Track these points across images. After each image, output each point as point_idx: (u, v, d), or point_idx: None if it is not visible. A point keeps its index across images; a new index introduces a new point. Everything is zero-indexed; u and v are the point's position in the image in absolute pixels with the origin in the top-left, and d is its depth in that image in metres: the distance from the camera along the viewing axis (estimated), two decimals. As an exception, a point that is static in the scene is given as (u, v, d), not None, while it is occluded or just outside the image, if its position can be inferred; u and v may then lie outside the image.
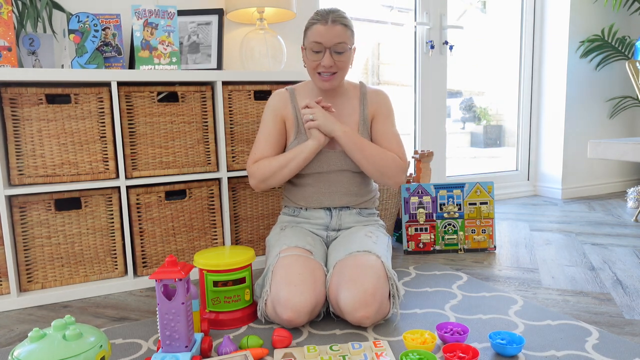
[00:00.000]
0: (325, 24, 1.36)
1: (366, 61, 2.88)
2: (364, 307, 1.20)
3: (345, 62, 1.40)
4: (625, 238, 2.11)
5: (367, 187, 1.54)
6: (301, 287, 1.22)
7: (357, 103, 1.51)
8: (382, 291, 1.24)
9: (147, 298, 1.57)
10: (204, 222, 1.75)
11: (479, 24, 3.10)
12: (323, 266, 1.34)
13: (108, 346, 0.96)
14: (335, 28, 1.36)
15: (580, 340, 1.17)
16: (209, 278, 1.30)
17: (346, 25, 1.38)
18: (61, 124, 1.53)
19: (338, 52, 1.37)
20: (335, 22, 1.36)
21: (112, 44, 1.72)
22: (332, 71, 1.39)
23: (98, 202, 1.60)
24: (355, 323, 1.24)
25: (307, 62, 1.43)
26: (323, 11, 1.39)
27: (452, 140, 3.14)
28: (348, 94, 1.52)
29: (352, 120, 1.49)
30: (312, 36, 1.38)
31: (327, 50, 1.36)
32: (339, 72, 1.41)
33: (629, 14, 3.15)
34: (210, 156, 1.74)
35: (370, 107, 1.50)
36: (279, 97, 1.51)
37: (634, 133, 3.35)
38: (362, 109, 1.49)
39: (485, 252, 1.96)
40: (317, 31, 1.36)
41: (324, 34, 1.35)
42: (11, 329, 1.35)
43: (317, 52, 1.38)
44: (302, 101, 1.50)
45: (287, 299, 1.20)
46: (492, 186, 1.96)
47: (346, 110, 1.50)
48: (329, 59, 1.37)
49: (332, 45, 1.36)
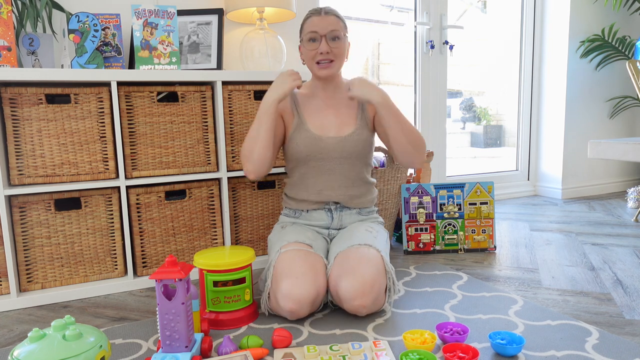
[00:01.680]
0: (319, 15, 1.44)
1: (366, 61, 2.88)
2: (361, 297, 1.26)
3: (341, 49, 1.45)
4: (625, 238, 2.11)
5: (367, 177, 1.56)
6: (302, 279, 1.27)
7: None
8: (380, 283, 1.30)
9: (147, 298, 1.56)
10: (204, 222, 1.75)
11: (479, 24, 3.10)
12: (323, 258, 1.39)
13: (108, 346, 0.96)
14: (329, 17, 1.43)
15: (580, 340, 1.17)
16: (209, 278, 1.30)
17: (338, 16, 1.46)
18: (61, 124, 1.53)
19: (333, 39, 1.43)
20: (329, 13, 1.44)
21: (112, 44, 1.72)
22: (329, 58, 1.44)
23: (98, 202, 1.60)
24: (352, 311, 1.30)
25: (305, 55, 1.48)
26: (316, 7, 1.48)
27: (452, 140, 3.14)
28: (347, 87, 1.55)
29: (350, 111, 1.53)
30: (308, 27, 1.45)
31: (323, 38, 1.43)
32: (335, 60, 1.45)
33: (629, 14, 3.15)
34: (210, 156, 1.74)
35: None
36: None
37: (634, 133, 3.35)
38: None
39: (485, 252, 1.96)
40: (312, 22, 1.44)
41: (319, 23, 1.43)
42: (11, 329, 1.35)
43: (314, 41, 1.44)
44: (301, 97, 1.54)
45: (289, 290, 1.26)
46: (492, 186, 1.95)
47: (343, 102, 1.54)
48: (325, 45, 1.42)
49: (327, 32, 1.42)
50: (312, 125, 1.50)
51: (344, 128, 1.50)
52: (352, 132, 1.49)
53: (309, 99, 1.54)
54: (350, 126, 1.50)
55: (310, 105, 1.53)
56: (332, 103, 1.53)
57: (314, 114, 1.51)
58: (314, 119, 1.51)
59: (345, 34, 1.48)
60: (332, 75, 1.47)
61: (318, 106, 1.52)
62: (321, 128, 1.50)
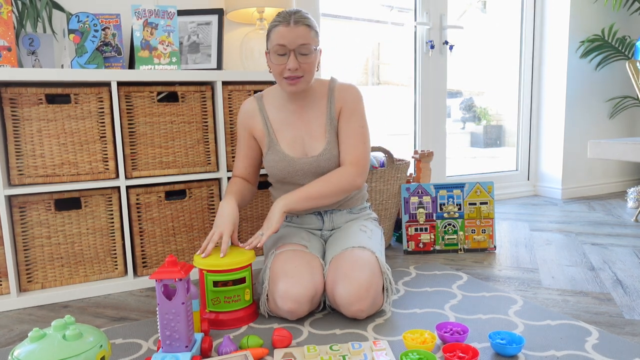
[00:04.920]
0: (288, 25, 1.30)
1: (366, 61, 2.88)
2: (358, 301, 1.25)
3: (311, 64, 1.35)
4: (625, 238, 2.11)
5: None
6: (298, 278, 1.26)
7: (325, 103, 1.47)
8: (376, 286, 1.28)
9: (147, 298, 1.57)
10: (204, 222, 1.75)
11: (479, 24, 3.10)
12: (320, 258, 1.38)
13: (108, 346, 0.96)
14: (298, 29, 1.30)
15: (580, 340, 1.17)
16: (209, 278, 1.30)
17: (309, 25, 1.33)
18: (61, 124, 1.53)
19: (303, 54, 1.33)
20: (298, 23, 1.31)
21: (112, 44, 1.72)
22: (297, 75, 1.34)
23: (98, 202, 1.60)
24: (350, 316, 1.29)
25: (272, 67, 1.37)
26: (285, 12, 1.33)
27: (452, 140, 3.14)
28: (315, 95, 1.47)
29: (318, 123, 1.46)
30: (275, 39, 1.32)
31: (292, 53, 1.31)
32: (305, 75, 1.35)
33: (629, 14, 3.15)
34: (210, 156, 1.74)
35: (337, 104, 1.46)
36: (246, 111, 1.50)
37: (634, 133, 3.35)
38: (329, 108, 1.46)
39: (485, 252, 1.96)
40: (280, 33, 1.31)
41: (287, 35, 1.30)
42: (11, 329, 1.35)
43: (282, 55, 1.33)
44: (271, 108, 1.48)
45: (286, 290, 1.25)
46: (492, 186, 1.96)
47: (313, 113, 1.46)
48: (294, 61, 1.31)
49: (296, 47, 1.31)
50: (284, 144, 1.45)
51: (315, 145, 1.44)
52: (323, 149, 1.43)
53: (278, 112, 1.47)
54: (320, 142, 1.44)
55: (280, 121, 1.47)
56: (302, 116, 1.46)
57: (285, 129, 1.46)
58: (285, 136, 1.46)
59: (316, 46, 1.36)
60: (300, 90, 1.39)
61: (288, 120, 1.46)
62: (293, 146, 1.45)
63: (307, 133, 1.46)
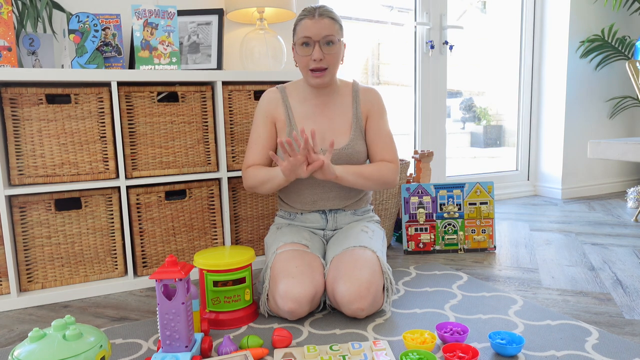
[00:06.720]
0: (313, 18, 1.37)
1: (366, 61, 2.88)
2: (358, 300, 1.25)
3: (335, 55, 1.41)
4: (625, 238, 2.11)
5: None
6: (299, 278, 1.27)
7: (350, 101, 1.51)
8: (377, 285, 1.29)
9: (147, 298, 1.57)
10: (204, 222, 1.75)
11: (479, 24, 3.10)
12: (320, 258, 1.39)
13: (108, 346, 0.96)
14: (323, 21, 1.37)
15: (580, 340, 1.17)
16: (209, 278, 1.30)
17: (333, 18, 1.39)
18: (61, 124, 1.53)
19: (327, 45, 1.38)
20: (323, 16, 1.37)
21: (112, 44, 1.72)
22: (322, 66, 1.39)
23: (98, 202, 1.60)
24: (350, 315, 1.30)
25: (298, 60, 1.43)
26: (310, 7, 1.40)
27: (452, 140, 3.14)
28: (340, 92, 1.52)
29: (345, 118, 1.50)
30: (301, 31, 1.39)
31: (317, 44, 1.37)
32: (329, 67, 1.41)
33: (629, 14, 3.15)
34: (210, 156, 1.74)
35: (364, 105, 1.51)
36: (270, 99, 1.51)
37: (634, 133, 3.35)
38: (355, 107, 1.50)
39: (485, 252, 1.96)
40: (305, 26, 1.38)
41: (312, 27, 1.37)
42: (11, 329, 1.35)
43: (307, 47, 1.39)
44: (294, 101, 1.51)
45: (286, 290, 1.25)
46: (492, 186, 1.96)
47: (338, 109, 1.50)
48: (318, 51, 1.37)
49: (321, 38, 1.37)
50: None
51: (338, 139, 1.47)
52: (346, 144, 1.46)
53: (302, 105, 1.50)
54: (344, 137, 1.47)
55: (303, 114, 1.49)
56: (325, 110, 1.49)
57: (306, 122, 1.48)
58: (306, 128, 1.47)
59: (340, 37, 1.42)
60: (325, 84, 1.44)
61: (310, 114, 1.49)
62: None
63: (329, 128, 1.48)
